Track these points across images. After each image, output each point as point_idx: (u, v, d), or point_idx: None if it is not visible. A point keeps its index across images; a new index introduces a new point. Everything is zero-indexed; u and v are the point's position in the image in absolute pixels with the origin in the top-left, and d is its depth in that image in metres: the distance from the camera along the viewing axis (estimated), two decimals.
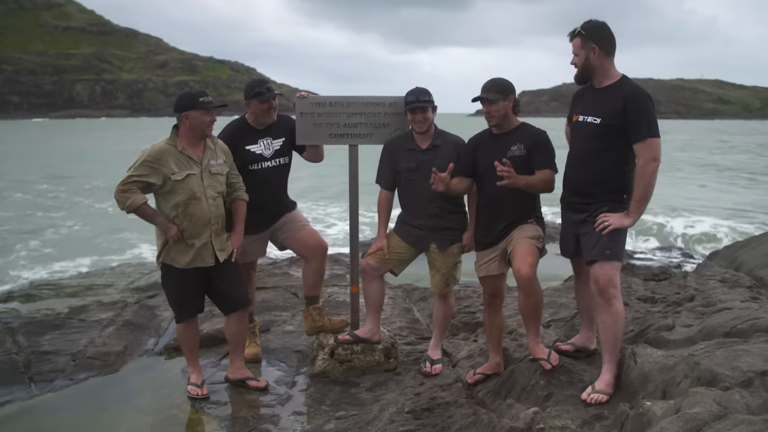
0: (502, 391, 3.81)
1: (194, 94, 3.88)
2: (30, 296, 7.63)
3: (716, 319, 3.98)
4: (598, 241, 3.41)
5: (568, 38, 3.55)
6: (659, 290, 5.77)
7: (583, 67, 3.50)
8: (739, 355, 3.04)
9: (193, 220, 3.84)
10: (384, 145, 4.35)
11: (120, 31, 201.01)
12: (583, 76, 3.56)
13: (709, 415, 2.43)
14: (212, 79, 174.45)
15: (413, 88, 4.16)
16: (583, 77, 3.56)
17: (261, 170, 4.32)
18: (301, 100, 4.43)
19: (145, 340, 5.39)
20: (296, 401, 4.17)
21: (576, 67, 3.54)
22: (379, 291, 4.40)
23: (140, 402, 4.20)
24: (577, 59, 3.51)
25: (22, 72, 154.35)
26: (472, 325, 5.50)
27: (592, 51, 3.43)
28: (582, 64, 3.50)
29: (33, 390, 4.36)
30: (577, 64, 3.52)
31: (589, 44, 3.43)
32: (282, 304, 6.33)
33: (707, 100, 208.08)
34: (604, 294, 3.41)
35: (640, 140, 3.32)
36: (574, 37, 3.50)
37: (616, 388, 3.41)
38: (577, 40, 3.48)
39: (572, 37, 3.52)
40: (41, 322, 5.48)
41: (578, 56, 3.50)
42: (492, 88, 3.80)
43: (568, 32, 3.56)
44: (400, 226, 4.31)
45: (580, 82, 3.62)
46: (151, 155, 3.77)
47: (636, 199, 3.37)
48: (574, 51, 3.51)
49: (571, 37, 3.53)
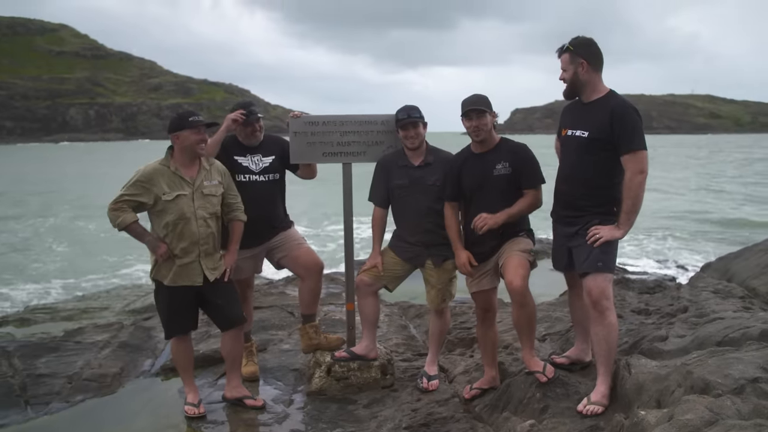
0: (499, 405, 3.83)
1: (185, 114, 3.95)
2: (25, 320, 7.63)
3: (709, 328, 4.02)
4: (590, 253, 3.45)
5: (557, 54, 3.62)
6: (653, 302, 5.81)
7: (572, 82, 3.57)
8: (731, 363, 3.08)
9: (183, 239, 3.88)
10: (377, 163, 4.40)
11: (114, 55, 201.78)
12: (571, 91, 3.63)
13: (701, 421, 2.46)
14: (206, 101, 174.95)
15: (403, 105, 4.23)
16: (571, 92, 3.63)
17: (248, 183, 4.35)
18: (295, 120, 4.48)
19: (142, 362, 5.38)
20: (293, 419, 4.16)
21: (565, 82, 3.61)
22: (374, 307, 4.42)
23: (137, 423, 4.19)
24: (566, 74, 3.57)
25: (15, 97, 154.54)
26: (468, 340, 5.52)
27: (581, 66, 3.50)
28: (570, 79, 3.57)
29: (29, 413, 4.34)
30: (566, 79, 3.59)
31: (578, 59, 3.50)
32: (278, 323, 6.34)
33: (698, 114, 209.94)
34: (597, 306, 3.45)
35: (627, 152, 3.38)
36: (563, 53, 3.57)
37: (612, 399, 3.44)
38: (565, 55, 3.55)
39: (560, 53, 3.59)
40: (37, 345, 5.46)
41: (566, 71, 3.56)
42: (479, 102, 3.85)
43: (557, 48, 3.63)
44: (396, 243, 4.34)
45: (569, 97, 3.69)
46: (143, 175, 3.83)
47: (625, 211, 3.42)
48: (563, 66, 3.58)
49: (559, 53, 3.60)
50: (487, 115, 3.83)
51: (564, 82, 3.62)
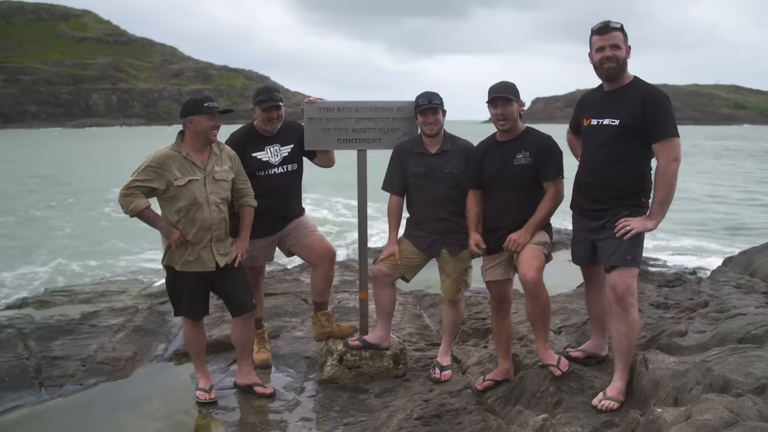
0: (512, 398, 3.77)
1: (199, 99, 3.89)
2: (44, 302, 7.74)
3: (730, 324, 3.90)
4: (619, 246, 3.32)
5: (597, 31, 3.35)
6: (672, 296, 5.69)
7: (623, 61, 3.36)
8: (752, 362, 2.98)
9: (195, 225, 3.85)
10: (393, 150, 4.33)
11: (136, 41, 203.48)
12: (617, 72, 3.38)
13: (720, 422, 2.38)
14: (226, 87, 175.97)
15: (424, 91, 4.15)
16: (617, 73, 3.38)
17: (268, 176, 4.32)
18: (310, 106, 4.43)
19: (155, 346, 5.40)
20: (304, 407, 4.15)
21: (616, 62, 3.34)
22: (391, 297, 4.38)
23: (149, 407, 4.21)
24: (620, 52, 3.33)
25: (39, 82, 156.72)
26: (482, 331, 5.46)
27: (628, 49, 3.35)
28: (624, 59, 3.35)
29: (43, 395, 4.38)
30: (620, 58, 3.34)
31: (626, 41, 3.34)
32: (291, 310, 6.33)
33: (723, 105, 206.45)
34: (621, 302, 3.34)
35: (661, 140, 3.25)
36: (614, 30, 3.32)
37: (628, 395, 3.36)
38: (618, 33, 3.32)
39: (609, 30, 3.33)
40: (52, 328, 5.52)
41: (622, 49, 3.33)
42: (507, 89, 3.74)
43: (597, 25, 3.38)
44: (411, 232, 4.28)
45: (611, 79, 3.43)
46: (154, 160, 3.79)
47: (658, 201, 3.29)
48: (616, 43, 3.32)
49: (603, 30, 3.34)
50: (513, 104, 3.74)
51: (613, 63, 3.34)
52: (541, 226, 3.77)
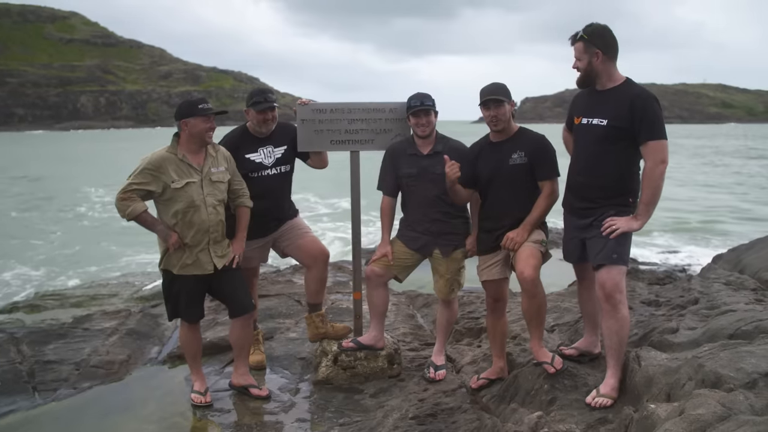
0: (506, 396, 3.80)
1: (194, 101, 3.89)
2: (35, 306, 7.68)
3: (720, 321, 3.96)
4: (605, 245, 3.38)
5: (570, 42, 3.50)
6: (663, 294, 5.74)
7: (586, 71, 3.45)
8: (743, 357, 3.02)
9: (193, 227, 3.84)
10: (385, 151, 4.35)
11: (124, 43, 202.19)
12: (585, 81, 3.50)
13: (712, 416, 2.41)
14: (215, 89, 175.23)
15: (416, 92, 4.17)
16: (585, 81, 3.51)
17: (262, 178, 4.32)
18: (302, 107, 4.44)
19: (149, 349, 5.39)
20: (300, 408, 4.15)
21: (579, 71, 3.48)
22: (384, 298, 4.39)
23: (144, 410, 4.19)
24: (580, 63, 3.45)
25: (26, 84, 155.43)
26: (476, 330, 5.49)
27: (595, 56, 3.38)
28: (585, 69, 3.44)
29: (37, 399, 4.36)
30: (580, 68, 3.46)
31: (592, 49, 3.38)
32: (285, 311, 6.33)
33: (710, 104, 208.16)
34: (610, 299, 3.38)
35: (648, 142, 3.30)
36: (576, 42, 3.44)
37: (621, 392, 3.39)
38: (579, 44, 3.43)
39: (574, 41, 3.46)
40: (45, 332, 5.49)
41: (581, 61, 3.44)
42: (498, 91, 3.77)
43: (570, 36, 3.50)
44: (404, 233, 4.30)
45: (583, 86, 3.57)
46: (150, 163, 3.78)
47: (644, 202, 3.34)
48: (577, 55, 3.45)
49: (572, 40, 3.47)
50: (505, 105, 3.77)
51: (578, 71, 3.50)
52: (537, 224, 3.80)
